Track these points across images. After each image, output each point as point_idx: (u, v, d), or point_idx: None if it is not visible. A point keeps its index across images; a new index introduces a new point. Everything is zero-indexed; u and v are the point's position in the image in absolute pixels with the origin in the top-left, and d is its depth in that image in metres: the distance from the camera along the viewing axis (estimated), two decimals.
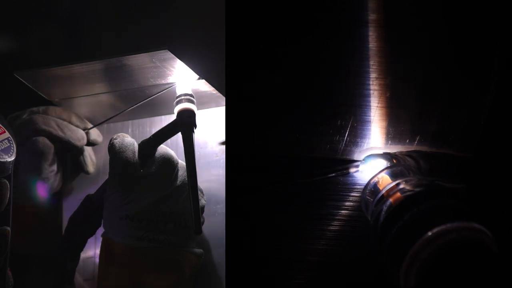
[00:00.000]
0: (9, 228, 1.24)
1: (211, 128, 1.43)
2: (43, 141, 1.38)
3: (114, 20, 1.38)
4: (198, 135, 1.43)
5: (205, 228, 1.39)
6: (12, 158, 1.23)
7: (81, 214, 1.38)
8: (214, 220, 1.40)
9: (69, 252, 1.38)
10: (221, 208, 1.40)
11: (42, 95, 1.44)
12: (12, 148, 1.24)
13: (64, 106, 1.45)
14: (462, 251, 1.03)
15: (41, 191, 1.42)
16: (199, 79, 1.35)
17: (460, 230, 1.04)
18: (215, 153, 1.43)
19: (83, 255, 1.44)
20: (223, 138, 1.41)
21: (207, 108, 1.43)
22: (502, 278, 1.01)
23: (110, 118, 1.43)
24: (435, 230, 1.04)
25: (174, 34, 1.35)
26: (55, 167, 1.42)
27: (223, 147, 1.41)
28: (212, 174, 1.42)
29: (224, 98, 1.39)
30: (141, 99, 1.40)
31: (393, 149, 1.23)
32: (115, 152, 1.33)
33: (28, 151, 1.37)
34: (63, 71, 1.35)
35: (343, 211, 1.24)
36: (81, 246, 1.39)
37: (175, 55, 1.29)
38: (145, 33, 1.35)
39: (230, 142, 1.24)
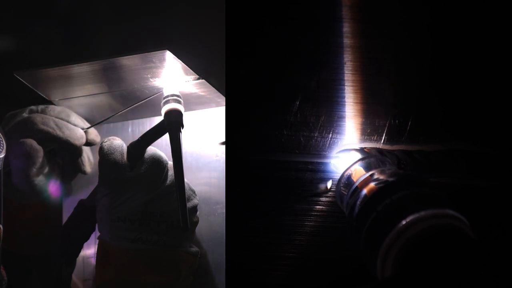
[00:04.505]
0: (1, 226, 1.23)
1: (211, 128, 1.43)
2: (31, 143, 1.36)
3: (114, 20, 1.38)
4: (199, 136, 1.43)
5: (205, 228, 1.39)
6: (2, 155, 1.23)
7: (74, 220, 1.38)
8: (214, 220, 1.40)
9: (64, 257, 1.38)
10: (221, 208, 1.40)
11: (42, 95, 1.44)
12: (2, 145, 1.23)
13: (64, 106, 1.45)
14: (437, 238, 1.02)
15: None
16: (199, 79, 1.35)
17: (434, 217, 1.03)
18: (215, 153, 1.43)
19: (83, 254, 1.44)
20: (223, 138, 1.41)
21: (207, 108, 1.43)
22: (479, 263, 1.00)
23: (108, 118, 1.43)
24: (408, 218, 1.04)
25: (174, 34, 1.34)
26: (45, 171, 1.40)
27: (223, 147, 1.41)
28: (212, 174, 1.42)
29: (224, 98, 1.38)
30: (140, 99, 1.40)
31: (369, 144, 1.22)
32: (103, 155, 1.34)
33: (14, 153, 1.35)
34: (63, 71, 1.35)
35: (319, 207, 1.24)
36: (77, 252, 1.39)
37: (175, 55, 1.29)
38: (145, 33, 1.35)
39: (230, 142, 1.24)
